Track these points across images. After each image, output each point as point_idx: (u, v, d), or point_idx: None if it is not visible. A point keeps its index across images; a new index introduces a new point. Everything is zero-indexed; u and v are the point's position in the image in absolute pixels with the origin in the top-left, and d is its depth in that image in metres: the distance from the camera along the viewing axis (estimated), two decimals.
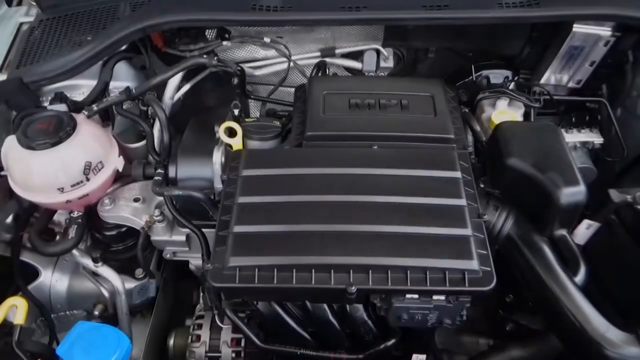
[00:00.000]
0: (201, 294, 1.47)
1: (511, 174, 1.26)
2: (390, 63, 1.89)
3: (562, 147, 1.28)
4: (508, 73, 1.81)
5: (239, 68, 1.54)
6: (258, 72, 1.89)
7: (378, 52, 1.86)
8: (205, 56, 1.51)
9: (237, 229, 1.14)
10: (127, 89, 1.47)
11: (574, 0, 1.47)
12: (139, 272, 1.54)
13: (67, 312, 1.57)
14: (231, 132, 1.39)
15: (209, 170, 1.37)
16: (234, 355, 1.42)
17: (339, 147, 1.30)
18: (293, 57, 1.84)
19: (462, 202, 1.17)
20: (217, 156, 1.35)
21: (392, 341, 1.28)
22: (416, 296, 1.11)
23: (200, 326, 1.47)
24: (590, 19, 1.48)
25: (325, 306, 1.27)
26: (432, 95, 1.40)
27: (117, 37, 1.47)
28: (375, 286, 1.08)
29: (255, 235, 1.14)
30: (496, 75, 1.81)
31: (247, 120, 1.41)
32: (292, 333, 1.29)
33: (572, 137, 1.72)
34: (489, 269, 1.09)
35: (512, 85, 1.74)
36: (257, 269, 1.09)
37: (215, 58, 1.49)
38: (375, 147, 1.29)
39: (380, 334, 1.30)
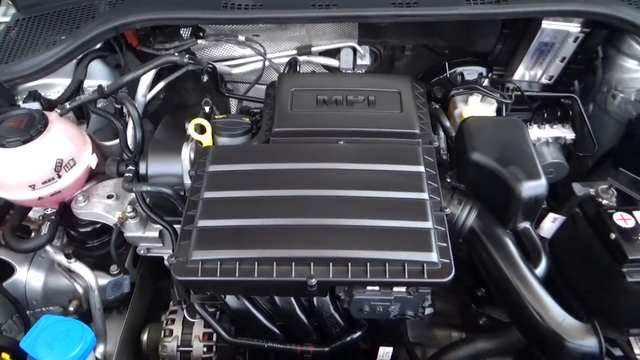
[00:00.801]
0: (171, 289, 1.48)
1: (475, 168, 1.27)
2: (367, 60, 1.91)
3: (525, 142, 1.30)
4: (482, 69, 1.83)
5: (210, 66, 1.55)
6: (235, 71, 1.91)
7: (354, 49, 1.88)
8: (176, 54, 1.52)
9: (202, 223, 1.16)
10: (100, 87, 1.49)
11: None
12: (113, 268, 1.55)
13: (43, 309, 1.59)
14: (201, 129, 1.41)
15: (179, 166, 1.39)
16: (205, 349, 1.44)
17: (306, 142, 1.32)
18: (270, 55, 1.86)
19: (425, 195, 1.19)
20: (186, 152, 1.37)
21: (358, 334, 1.30)
22: (377, 288, 1.13)
23: (173, 321, 1.49)
24: (556, 15, 1.50)
25: (293, 300, 1.29)
26: (399, 92, 1.41)
27: (89, 36, 1.49)
28: (335, 278, 1.09)
29: (219, 229, 1.15)
30: (471, 72, 1.83)
31: (216, 117, 1.43)
32: (260, 326, 1.31)
33: (545, 132, 1.74)
34: (448, 261, 1.10)
35: (486, 82, 1.76)
36: (219, 263, 1.10)
37: (187, 56, 1.50)
38: (341, 142, 1.31)
39: (348, 327, 1.32)
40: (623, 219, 1.20)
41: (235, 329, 1.42)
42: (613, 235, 1.17)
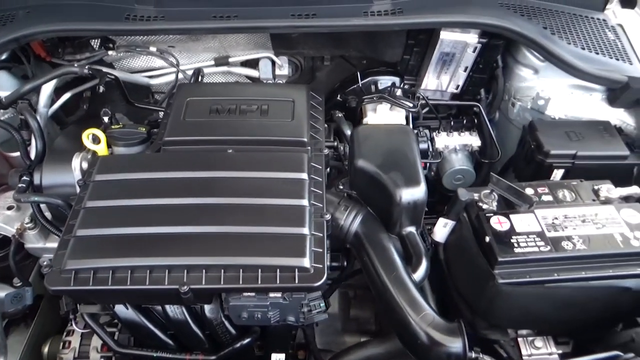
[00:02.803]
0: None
1: (360, 175, 1.30)
2: (285, 71, 1.93)
3: (410, 149, 1.33)
4: (396, 79, 1.87)
5: (111, 76, 1.56)
6: (154, 82, 1.92)
7: (273, 60, 1.90)
8: (76, 65, 1.53)
9: (80, 232, 1.16)
10: None
11: (436, 8, 1.53)
12: (16, 280, 1.53)
13: None
14: (97, 139, 1.41)
15: (72, 176, 1.39)
16: None
17: (195, 151, 1.33)
18: (187, 67, 1.88)
19: (304, 202, 1.20)
20: (76, 162, 1.37)
21: (247, 340, 1.30)
22: (252, 294, 1.14)
23: (72, 332, 1.48)
24: (448, 27, 1.55)
25: (184, 308, 1.29)
26: (293, 101, 1.44)
27: None
28: (208, 285, 1.09)
29: (96, 238, 1.15)
30: (385, 82, 1.87)
31: (112, 127, 1.43)
32: (151, 336, 1.31)
33: (453, 140, 1.78)
34: (321, 266, 1.11)
35: (399, 92, 1.80)
36: (92, 272, 1.10)
37: (87, 67, 1.51)
38: (230, 150, 1.32)
39: (239, 334, 1.32)
40: (499, 222, 1.24)
41: (134, 339, 1.42)
42: (487, 238, 1.20)
